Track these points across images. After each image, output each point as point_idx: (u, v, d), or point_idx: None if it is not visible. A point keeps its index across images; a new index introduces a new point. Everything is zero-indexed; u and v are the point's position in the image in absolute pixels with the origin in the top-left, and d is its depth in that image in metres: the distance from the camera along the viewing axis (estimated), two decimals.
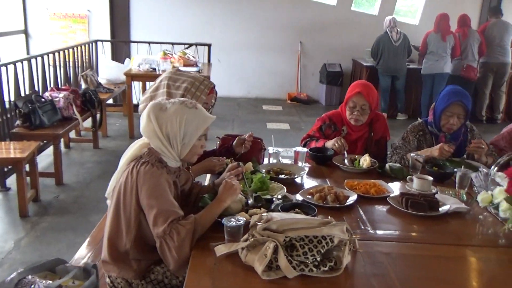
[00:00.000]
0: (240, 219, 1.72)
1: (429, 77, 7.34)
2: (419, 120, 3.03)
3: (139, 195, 1.75)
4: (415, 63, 8.00)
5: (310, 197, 2.16)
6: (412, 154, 2.62)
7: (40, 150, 4.79)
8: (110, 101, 6.83)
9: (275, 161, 2.61)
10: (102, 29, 8.02)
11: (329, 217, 1.72)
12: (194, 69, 6.15)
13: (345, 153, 2.73)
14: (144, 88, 7.02)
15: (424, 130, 2.93)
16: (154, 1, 8.23)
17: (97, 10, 7.98)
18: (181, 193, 2.01)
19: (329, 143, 2.78)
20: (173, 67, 6.21)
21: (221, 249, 1.62)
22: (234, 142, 2.52)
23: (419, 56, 7.57)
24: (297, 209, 1.93)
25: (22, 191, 3.62)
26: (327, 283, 1.54)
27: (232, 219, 1.71)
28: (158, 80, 2.28)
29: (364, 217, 2.05)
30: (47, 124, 4.20)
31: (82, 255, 2.27)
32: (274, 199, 2.07)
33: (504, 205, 1.83)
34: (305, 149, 2.64)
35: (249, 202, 1.96)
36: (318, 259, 1.56)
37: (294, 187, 2.34)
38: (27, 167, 3.84)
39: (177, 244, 1.67)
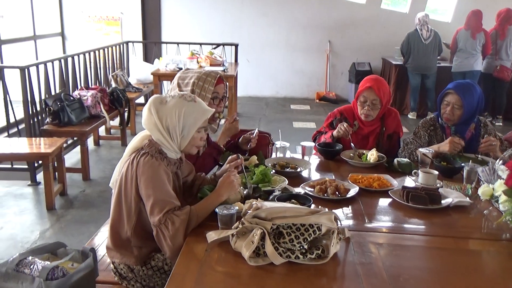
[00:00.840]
0: (233, 207, 1.76)
1: (459, 75, 7.17)
2: (431, 115, 3.00)
3: (139, 184, 1.83)
4: (446, 61, 7.83)
5: (311, 189, 2.18)
6: (421, 149, 2.60)
7: (71, 146, 5.00)
8: (141, 100, 7.02)
9: (281, 155, 2.64)
10: (134, 30, 8.26)
11: (319, 206, 1.74)
12: (220, 68, 6.26)
13: (351, 140, 2.76)
14: None
15: (435, 125, 2.90)
16: (184, 3, 8.41)
17: (129, 12, 8.21)
18: (184, 184, 2.08)
19: (334, 132, 2.80)
20: (200, 66, 6.34)
21: (212, 236, 1.68)
22: (240, 140, 2.57)
23: (450, 54, 7.42)
24: (293, 200, 1.96)
25: (48, 185, 3.79)
26: (314, 270, 1.56)
27: (225, 208, 1.76)
28: (172, 81, 2.38)
29: (362, 209, 2.05)
30: (75, 122, 4.38)
31: (94, 243, 2.38)
32: (275, 191, 2.10)
33: (503, 198, 1.80)
34: (312, 144, 2.66)
35: (245, 193, 2.00)
36: (306, 246, 1.59)
37: (299, 180, 2.37)
38: (55, 163, 4.03)
39: (172, 233, 1.74)
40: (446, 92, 2.83)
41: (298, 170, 2.48)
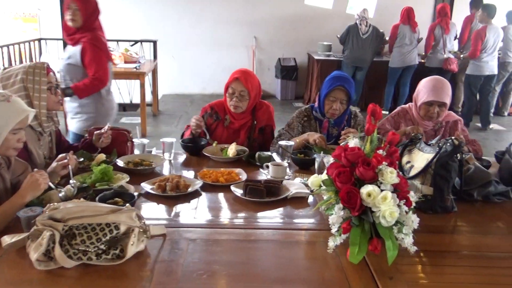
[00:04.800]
0: (37, 209, 1.67)
1: (398, 69, 7.37)
2: (306, 105, 3.00)
3: None
4: (380, 56, 7.98)
5: (152, 186, 2.12)
6: (280, 142, 2.59)
7: None
8: None
9: (138, 152, 2.56)
10: (54, 27, 7.95)
11: (159, 204, 1.67)
12: (133, 65, 6.11)
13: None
14: None
15: (309, 116, 2.90)
16: None
17: (47, 8, 7.90)
18: (18, 183, 1.96)
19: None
20: (113, 64, 6.16)
21: (5, 240, 1.57)
22: (94, 137, 2.48)
23: (389, 49, 7.52)
24: (116, 199, 1.88)
25: None
26: (112, 271, 1.49)
27: (30, 210, 1.67)
28: None
29: (192, 205, 2.00)
30: None
31: None
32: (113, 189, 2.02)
33: (314, 180, 1.79)
34: (173, 139, 2.59)
35: (61, 194, 1.88)
36: (102, 247, 1.52)
37: (153, 177, 2.29)
38: None
39: None
40: (333, 88, 2.75)
41: (154, 167, 2.41)
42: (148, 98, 7.08)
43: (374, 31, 7.33)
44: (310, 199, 2.11)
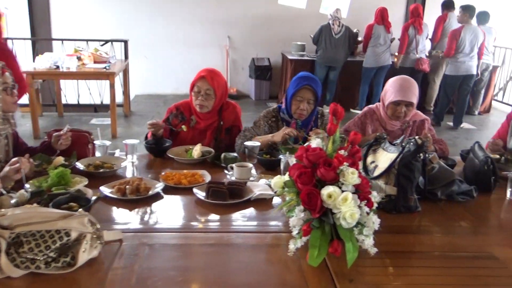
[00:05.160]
0: None
1: (372, 69, 7.41)
2: (274, 106, 2.97)
3: None
4: (353, 56, 8.02)
5: (111, 190, 2.05)
6: (246, 142, 2.55)
7: None
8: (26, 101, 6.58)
9: (100, 154, 2.49)
10: (21, 27, 7.76)
11: (118, 208, 1.61)
12: (104, 65, 5.99)
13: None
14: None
15: (277, 117, 2.87)
16: None
17: (15, 7, 7.69)
18: None
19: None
20: (83, 64, 6.04)
21: None
22: (52, 139, 2.39)
23: (363, 49, 7.56)
24: (71, 203, 1.81)
25: None
26: (62, 280, 1.43)
27: None
28: None
29: (152, 209, 1.95)
30: None
31: None
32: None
33: (276, 182, 1.75)
34: (136, 141, 2.53)
35: (13, 201, 1.80)
36: (52, 255, 1.45)
37: (115, 180, 2.22)
38: None
39: None
40: (300, 88, 2.72)
41: (115, 170, 2.34)
42: (120, 98, 6.97)
43: (347, 31, 7.35)
44: (275, 200, 2.07)
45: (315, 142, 1.73)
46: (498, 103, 8.75)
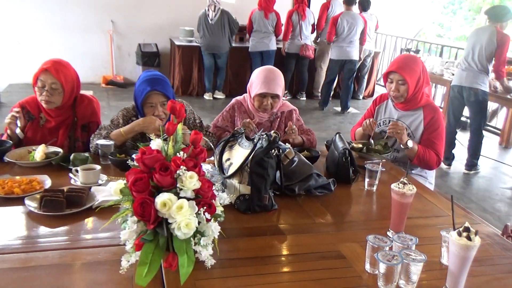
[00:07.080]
0: None
1: (257, 55, 7.39)
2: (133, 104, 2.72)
3: None
4: (243, 42, 7.94)
5: None
6: (98, 141, 2.32)
7: None
8: None
9: None
10: None
11: None
12: None
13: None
14: None
15: (137, 116, 2.62)
16: None
17: None
18: None
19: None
20: None
21: None
22: None
23: (248, 34, 7.52)
24: None
25: None
26: None
27: None
28: None
29: None
30: None
31: None
32: None
33: (116, 187, 1.56)
34: None
35: None
36: None
37: None
38: None
39: None
40: (148, 94, 2.42)
41: None
42: None
43: (225, 17, 7.21)
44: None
45: (155, 144, 1.57)
46: (381, 88, 9.22)
